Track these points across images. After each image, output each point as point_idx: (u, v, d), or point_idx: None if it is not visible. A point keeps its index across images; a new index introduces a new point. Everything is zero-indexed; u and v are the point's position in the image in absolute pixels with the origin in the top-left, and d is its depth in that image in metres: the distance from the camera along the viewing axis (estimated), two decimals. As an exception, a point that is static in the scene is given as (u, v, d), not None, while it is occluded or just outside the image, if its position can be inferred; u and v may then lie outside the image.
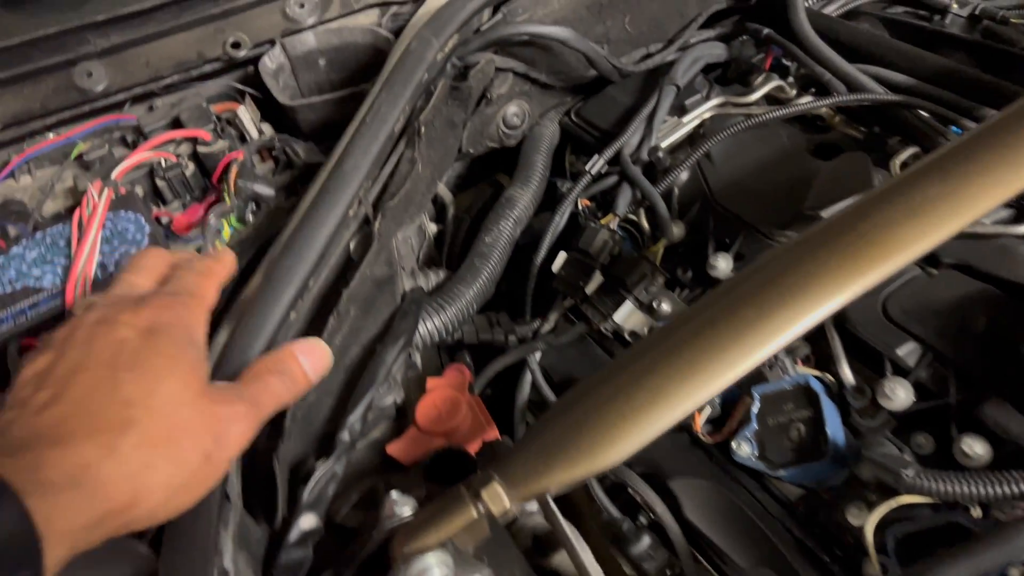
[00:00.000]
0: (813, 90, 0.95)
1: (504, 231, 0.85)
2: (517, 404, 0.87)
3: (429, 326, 0.74)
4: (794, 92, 0.93)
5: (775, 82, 0.93)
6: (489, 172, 1.08)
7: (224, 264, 0.62)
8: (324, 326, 0.66)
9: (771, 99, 0.95)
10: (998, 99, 0.82)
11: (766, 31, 0.98)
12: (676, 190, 0.87)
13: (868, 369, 0.69)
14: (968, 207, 0.55)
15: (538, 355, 0.85)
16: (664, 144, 0.91)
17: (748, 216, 0.81)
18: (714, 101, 0.92)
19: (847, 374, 0.68)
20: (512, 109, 0.94)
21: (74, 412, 0.48)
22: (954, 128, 0.82)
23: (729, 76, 1.03)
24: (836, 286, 0.52)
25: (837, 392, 0.69)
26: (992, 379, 0.62)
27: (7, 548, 0.41)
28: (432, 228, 0.98)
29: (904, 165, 0.78)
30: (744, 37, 1.02)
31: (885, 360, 0.67)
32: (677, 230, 0.84)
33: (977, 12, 1.02)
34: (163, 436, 0.49)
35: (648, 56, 1.01)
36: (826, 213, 0.74)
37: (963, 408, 0.62)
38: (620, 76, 0.97)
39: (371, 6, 0.97)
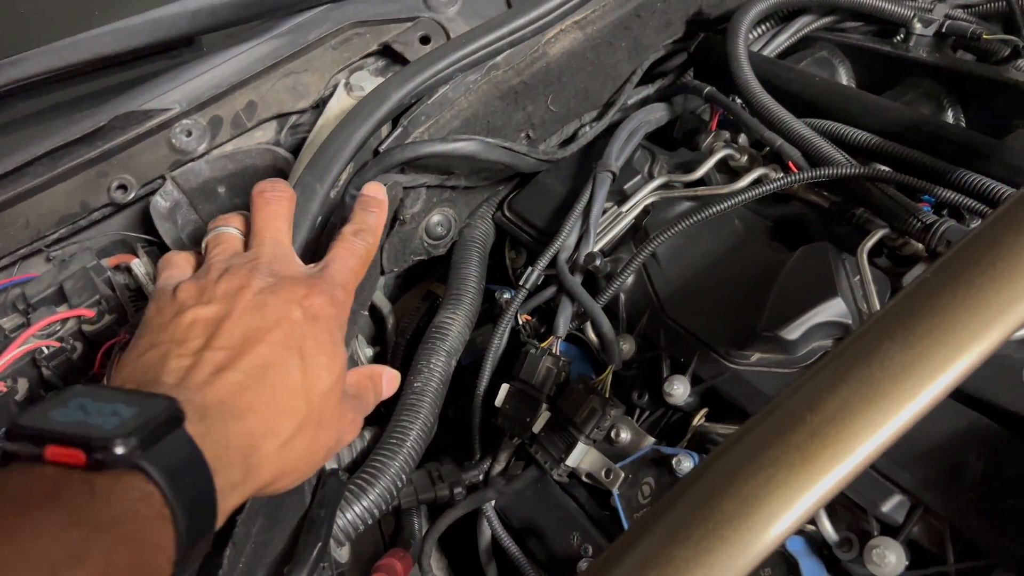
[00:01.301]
0: (768, 149, 0.84)
1: (436, 370, 0.76)
2: (480, 549, 0.78)
3: (351, 515, 0.65)
4: (745, 158, 0.83)
5: (722, 152, 0.82)
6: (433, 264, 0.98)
7: (375, 246, 0.65)
8: (224, 546, 0.57)
9: (723, 166, 0.85)
10: (971, 158, 0.71)
11: (707, 90, 0.87)
12: (622, 297, 0.78)
13: (859, 509, 0.60)
14: (947, 369, 0.45)
15: (493, 502, 0.76)
16: (606, 239, 0.81)
17: (701, 331, 0.71)
18: (655, 183, 0.82)
19: (828, 530, 0.59)
20: (435, 219, 0.84)
21: (252, 386, 0.49)
22: (926, 198, 0.72)
23: (676, 137, 0.93)
24: (784, 508, 0.43)
25: (824, 543, 0.60)
26: (995, 542, 0.52)
27: (197, 522, 0.42)
28: (367, 353, 0.89)
29: (872, 253, 0.68)
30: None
31: (870, 518, 0.57)
32: (627, 346, 0.75)
33: (944, 29, 0.90)
34: (312, 429, 0.52)
35: (582, 128, 0.91)
36: (784, 332, 0.64)
37: (965, 579, 0.53)
38: (551, 164, 0.87)
39: (266, 120, 0.87)
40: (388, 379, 0.66)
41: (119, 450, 0.38)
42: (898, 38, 0.95)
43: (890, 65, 0.91)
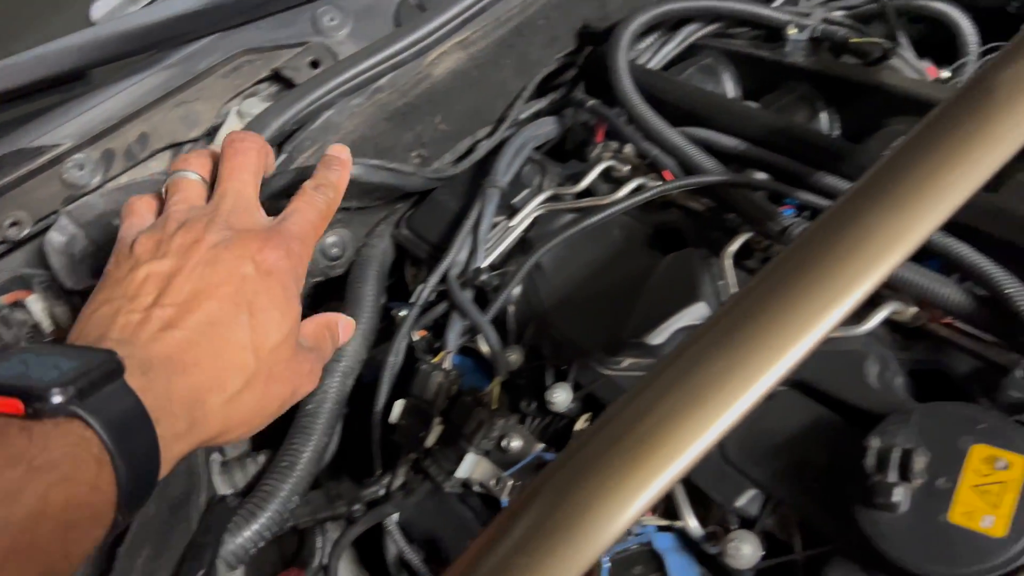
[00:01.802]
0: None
1: (330, 391, 0.78)
2: (388, 564, 0.80)
3: (240, 540, 0.66)
4: (627, 168, 0.86)
5: (604, 163, 0.85)
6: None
7: (336, 202, 0.64)
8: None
9: (608, 176, 0.87)
10: (830, 160, 0.74)
11: (590, 103, 0.90)
12: (511, 309, 0.80)
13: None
14: (763, 372, 0.48)
15: (395, 516, 0.78)
16: (496, 252, 0.83)
17: (581, 338, 0.73)
18: (542, 196, 0.84)
19: (693, 525, 0.62)
20: (330, 240, 0.86)
21: (198, 342, 0.50)
22: (788, 200, 0.75)
23: (567, 149, 0.96)
24: (615, 511, 0.45)
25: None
26: (837, 530, 0.55)
27: (137, 466, 0.43)
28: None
29: (736, 256, 0.71)
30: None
31: (729, 512, 0.60)
32: (515, 356, 0.77)
33: (818, 34, 0.94)
34: (262, 383, 0.53)
35: (476, 144, 0.93)
36: (650, 338, 0.67)
37: (811, 566, 0.56)
38: (442, 182, 0.89)
39: (159, 151, 0.88)
40: (344, 326, 0.66)
41: (56, 399, 0.40)
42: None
43: (769, 70, 0.95)
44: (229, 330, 0.52)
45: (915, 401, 0.60)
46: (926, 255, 0.65)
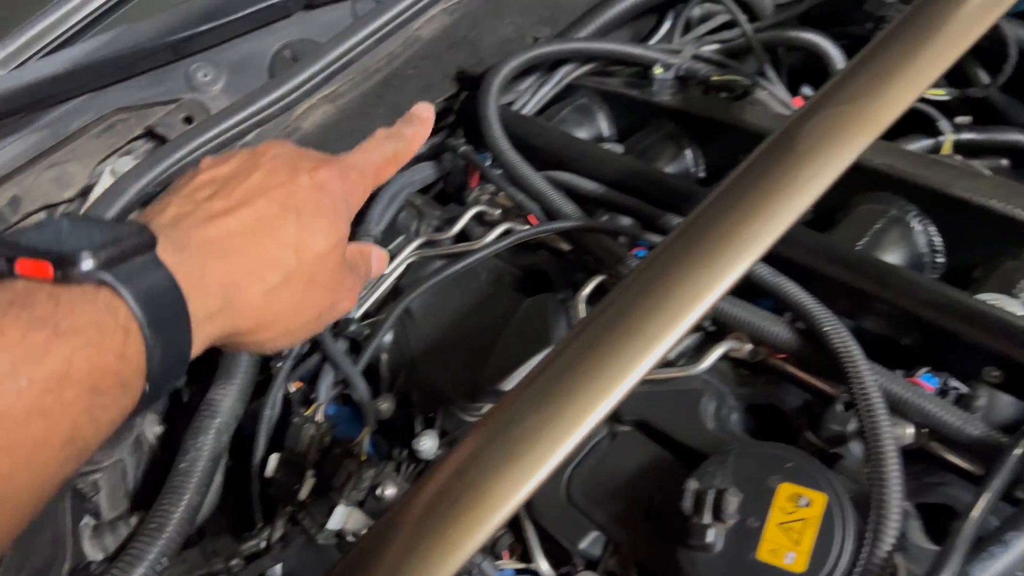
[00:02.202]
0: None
1: (204, 448, 0.78)
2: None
3: (104, 607, 0.66)
4: (498, 212, 0.88)
5: (475, 208, 0.87)
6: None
7: (407, 154, 0.64)
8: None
9: (481, 220, 0.89)
10: (678, 202, 0.77)
11: (461, 149, 0.92)
12: (384, 357, 0.81)
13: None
14: (575, 427, 0.50)
15: (278, 569, 0.78)
16: (370, 301, 0.85)
17: (446, 386, 0.75)
18: (415, 243, 0.86)
19: (544, 568, 0.63)
20: (206, 294, 0.86)
21: (241, 232, 0.50)
22: (641, 242, 0.78)
23: (448, 192, 0.98)
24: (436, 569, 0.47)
25: (550, 580, 0.65)
26: (668, 571, 0.57)
27: (167, 338, 0.43)
28: (156, 431, 0.90)
29: (590, 299, 0.73)
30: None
31: (574, 554, 0.62)
32: (386, 405, 0.78)
33: (683, 73, 0.97)
34: (302, 286, 0.53)
35: (356, 191, 0.94)
36: (503, 385, 0.69)
37: (647, 606, 0.58)
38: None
39: (32, 213, 0.88)
40: (377, 257, 0.66)
41: (85, 265, 0.40)
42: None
43: (639, 109, 0.98)
44: (274, 227, 0.52)
45: (750, 438, 0.63)
46: (761, 294, 0.68)
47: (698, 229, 0.56)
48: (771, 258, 0.68)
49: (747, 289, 0.70)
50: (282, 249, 0.52)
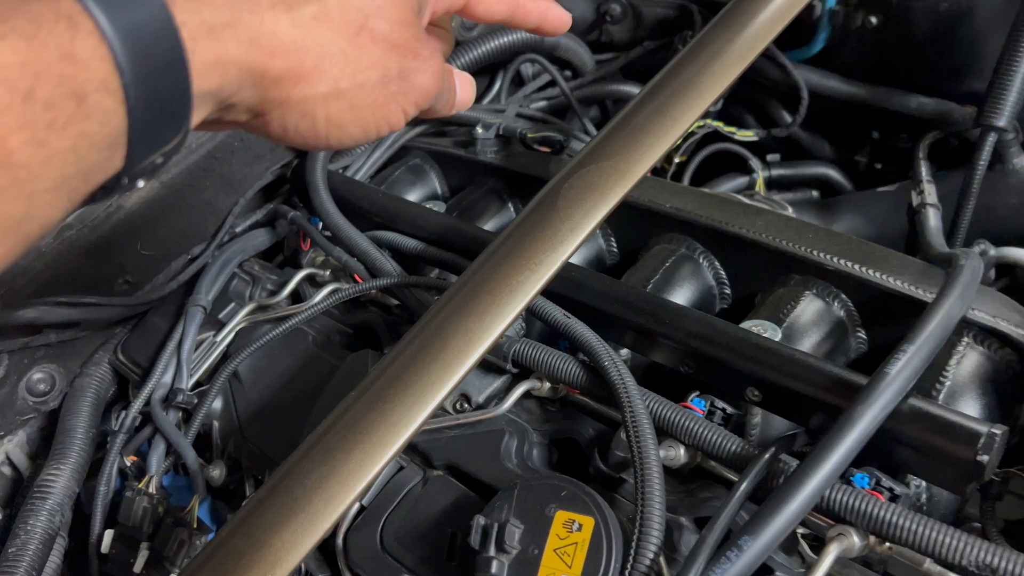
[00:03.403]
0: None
1: (35, 532, 0.78)
2: None
3: None
4: (328, 273, 0.91)
5: (304, 271, 0.90)
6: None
7: (534, 9, 0.58)
8: None
9: (313, 282, 0.92)
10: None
11: (291, 214, 0.95)
12: (216, 424, 0.83)
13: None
14: (357, 480, 0.53)
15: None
16: (203, 369, 0.86)
17: (273, 449, 0.77)
18: (246, 309, 0.88)
19: (363, 618, 0.66)
20: (36, 376, 0.87)
21: None
22: (455, 294, 0.82)
23: (286, 256, 1.01)
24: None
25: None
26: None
27: (144, 55, 0.34)
28: (-5, 519, 0.89)
29: (407, 353, 0.77)
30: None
31: (386, 602, 0.65)
32: (217, 471, 0.80)
33: (502, 132, 1.04)
34: (349, 28, 0.44)
35: (192, 261, 0.97)
36: (321, 443, 0.71)
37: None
38: (151, 304, 0.92)
39: None
40: (463, 78, 0.60)
41: None
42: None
43: (465, 167, 1.04)
44: None
45: (548, 471, 0.68)
46: (560, 335, 0.73)
47: (472, 283, 0.60)
48: (566, 302, 0.74)
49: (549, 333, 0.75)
50: None
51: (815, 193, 1.21)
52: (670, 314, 0.69)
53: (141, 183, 0.41)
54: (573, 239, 0.61)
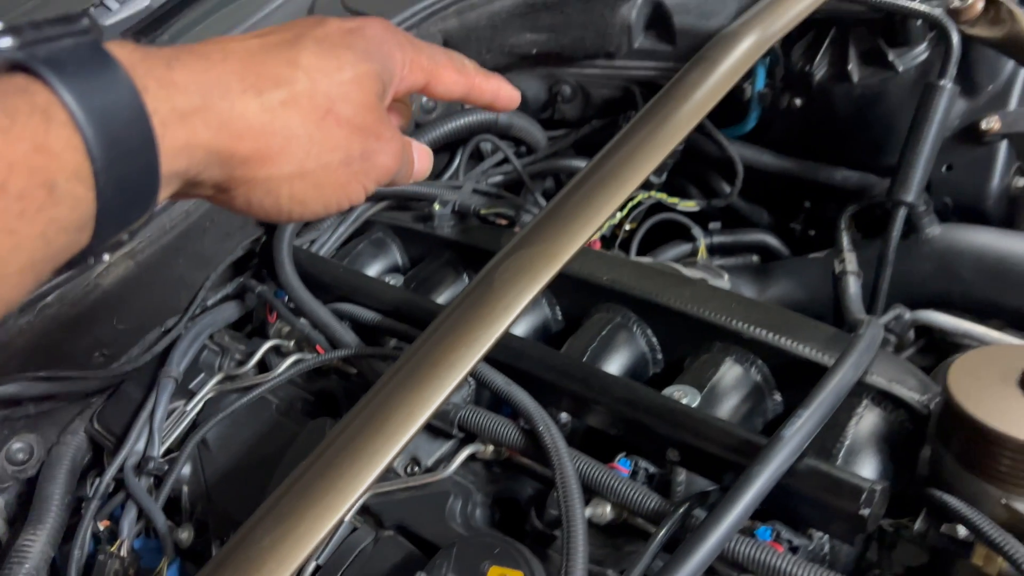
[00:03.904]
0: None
1: (9, 595, 0.82)
2: None
3: None
4: (292, 344, 0.98)
5: (269, 343, 0.97)
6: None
7: (487, 89, 0.59)
8: None
9: (279, 352, 0.99)
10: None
11: (259, 288, 1.02)
12: (186, 489, 0.88)
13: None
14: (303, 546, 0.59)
15: None
16: (173, 437, 0.92)
17: (239, 512, 0.82)
18: (214, 379, 0.95)
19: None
20: (16, 446, 0.92)
21: (237, 50, 0.44)
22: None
23: (254, 327, 1.07)
24: None
25: None
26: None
27: (117, 143, 0.35)
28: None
29: (363, 419, 0.84)
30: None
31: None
32: (186, 534, 0.85)
33: (457, 208, 1.11)
34: (316, 113, 0.46)
35: (165, 334, 1.03)
36: (280, 506, 0.77)
37: None
38: (126, 375, 0.97)
39: None
40: (420, 149, 0.61)
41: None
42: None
43: (424, 241, 1.11)
44: (282, 48, 0.46)
45: (488, 530, 0.73)
46: (502, 401, 0.79)
47: (416, 357, 0.67)
48: (510, 371, 0.80)
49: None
50: (288, 68, 0.45)
51: (755, 258, 1.29)
52: (599, 381, 0.76)
53: (106, 257, 0.43)
54: (506, 317, 0.68)
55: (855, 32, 1.07)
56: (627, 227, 1.30)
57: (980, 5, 0.97)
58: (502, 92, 0.62)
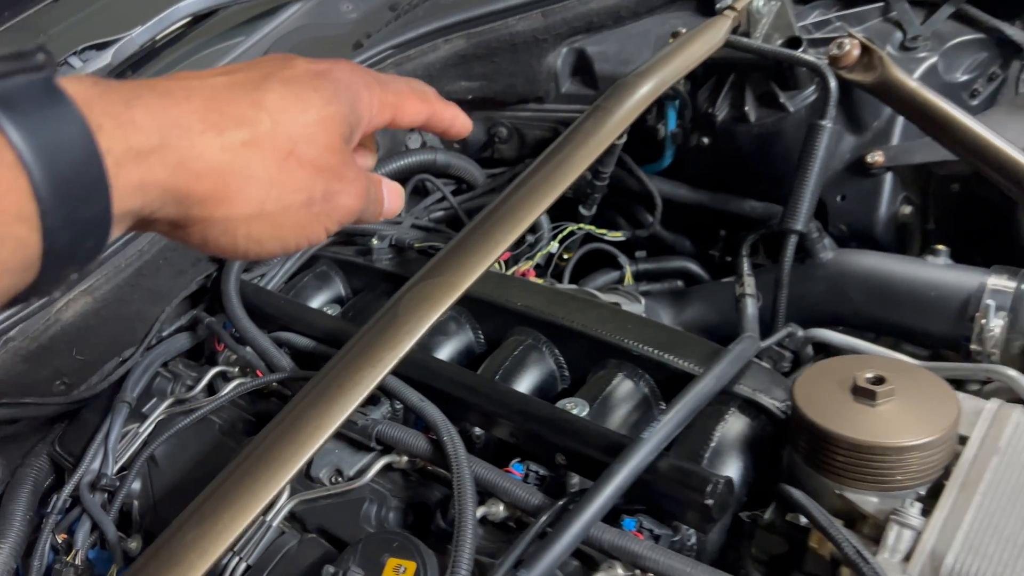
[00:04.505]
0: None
1: (-26, 604, 0.90)
2: None
3: None
4: (237, 369, 1.07)
5: (215, 369, 1.06)
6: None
7: (446, 116, 0.60)
8: None
9: (225, 377, 1.08)
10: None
11: (207, 320, 1.12)
12: (136, 503, 0.97)
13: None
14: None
15: None
16: (126, 456, 1.00)
17: (180, 520, 0.91)
18: (165, 403, 1.03)
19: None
20: (-19, 468, 1.00)
21: (200, 87, 0.43)
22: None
23: (206, 356, 1.16)
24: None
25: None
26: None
27: (66, 180, 0.34)
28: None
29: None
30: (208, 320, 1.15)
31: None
32: (135, 544, 0.93)
33: (394, 242, 1.21)
34: (278, 154, 0.45)
35: (123, 362, 1.12)
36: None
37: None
38: (85, 402, 1.06)
39: None
40: (391, 188, 0.60)
41: None
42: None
43: (364, 273, 1.21)
44: (247, 88, 0.45)
45: (396, 530, 0.82)
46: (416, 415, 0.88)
47: (327, 378, 0.76)
48: (425, 389, 0.89)
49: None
50: (252, 109, 0.45)
51: (680, 283, 1.39)
52: (500, 396, 0.86)
53: (57, 294, 0.49)
54: (408, 340, 0.77)
55: (751, 77, 1.18)
56: (565, 256, 1.40)
57: (856, 52, 1.08)
58: (458, 120, 0.64)
